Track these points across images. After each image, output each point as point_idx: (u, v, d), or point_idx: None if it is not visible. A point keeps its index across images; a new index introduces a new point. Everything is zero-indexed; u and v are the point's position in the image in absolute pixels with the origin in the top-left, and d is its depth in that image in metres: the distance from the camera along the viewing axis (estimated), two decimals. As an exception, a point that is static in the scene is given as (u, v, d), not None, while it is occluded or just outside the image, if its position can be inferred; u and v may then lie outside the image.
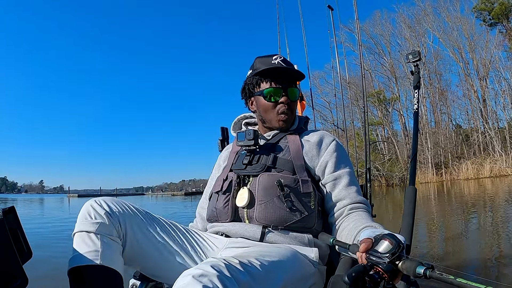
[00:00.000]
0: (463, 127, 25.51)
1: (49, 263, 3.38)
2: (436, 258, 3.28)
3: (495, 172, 20.09)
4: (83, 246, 0.94)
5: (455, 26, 25.15)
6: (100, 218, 0.98)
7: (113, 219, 1.00)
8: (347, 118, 3.91)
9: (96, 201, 1.03)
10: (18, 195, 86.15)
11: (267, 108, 1.23)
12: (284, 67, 1.20)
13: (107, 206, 1.02)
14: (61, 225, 7.78)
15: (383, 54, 27.48)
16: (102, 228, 0.97)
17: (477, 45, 24.63)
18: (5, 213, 0.85)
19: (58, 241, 5.13)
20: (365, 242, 0.75)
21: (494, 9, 23.27)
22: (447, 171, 22.37)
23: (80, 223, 0.99)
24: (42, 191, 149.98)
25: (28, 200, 30.70)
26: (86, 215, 1.00)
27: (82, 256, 0.92)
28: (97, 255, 0.93)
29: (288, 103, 1.21)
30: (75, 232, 0.98)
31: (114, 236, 0.99)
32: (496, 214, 6.06)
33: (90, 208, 1.01)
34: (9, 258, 0.83)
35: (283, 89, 1.21)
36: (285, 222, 1.05)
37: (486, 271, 2.73)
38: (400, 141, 25.60)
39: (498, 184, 14.90)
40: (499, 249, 3.51)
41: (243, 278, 0.73)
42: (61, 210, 15.53)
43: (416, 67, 1.72)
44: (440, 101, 25.52)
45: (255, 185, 1.10)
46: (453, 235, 4.43)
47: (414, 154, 1.51)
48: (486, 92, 24.25)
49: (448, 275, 0.62)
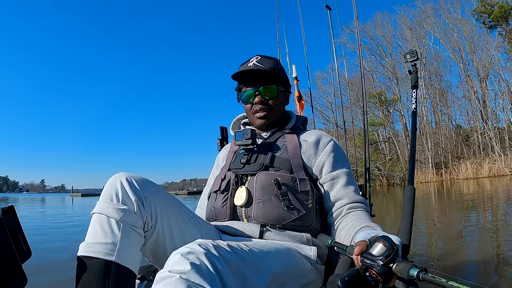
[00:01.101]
0: (463, 128, 25.42)
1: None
2: (435, 257, 3.26)
3: (493, 172, 20.08)
4: (100, 234, 0.83)
5: (456, 27, 25.03)
6: (128, 203, 0.86)
7: (144, 208, 0.88)
8: (348, 119, 3.88)
9: (128, 178, 0.89)
10: (20, 194, 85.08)
11: (247, 111, 1.26)
12: (248, 69, 1.20)
13: (140, 189, 0.89)
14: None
15: (384, 55, 27.37)
16: (128, 216, 0.85)
17: (477, 47, 24.50)
18: (4, 212, 0.84)
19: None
20: (359, 245, 0.75)
21: (494, 12, 23.17)
22: (447, 171, 22.30)
23: (103, 202, 0.87)
24: (43, 190, 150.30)
25: (30, 199, 29.99)
26: (112, 194, 0.87)
27: (96, 245, 0.82)
28: (113, 249, 0.81)
29: (262, 101, 1.21)
30: (95, 212, 0.87)
31: (139, 228, 0.87)
32: (496, 213, 6.02)
33: (118, 186, 0.88)
34: (8, 257, 0.82)
35: (255, 90, 1.21)
36: (283, 221, 1.05)
37: (484, 272, 2.70)
38: (401, 141, 25.50)
39: (497, 183, 14.85)
40: (498, 250, 3.48)
41: (231, 257, 0.72)
42: (76, 208, 15.65)
43: (414, 67, 1.69)
44: (440, 101, 25.42)
45: (253, 184, 1.10)
46: (452, 232, 4.41)
47: (413, 153, 1.49)
48: (486, 93, 24.13)
49: (440, 278, 0.61)
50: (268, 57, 1.25)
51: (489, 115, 23.83)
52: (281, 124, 1.28)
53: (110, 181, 0.90)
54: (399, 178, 22.06)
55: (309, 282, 1.00)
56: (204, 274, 0.63)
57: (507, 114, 23.42)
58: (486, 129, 23.03)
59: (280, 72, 1.24)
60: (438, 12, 25.80)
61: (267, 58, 1.24)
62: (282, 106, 1.29)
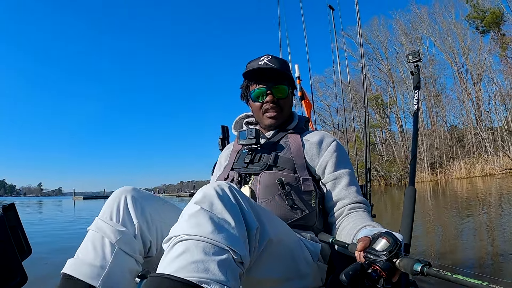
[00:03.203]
0: (457, 129, 25.40)
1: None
2: (433, 253, 3.23)
3: (485, 171, 20.36)
4: (91, 253, 0.76)
5: (450, 31, 25.10)
6: (128, 225, 0.79)
7: (149, 231, 0.80)
8: (346, 120, 3.84)
9: (133, 196, 0.81)
10: (17, 198, 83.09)
11: (256, 109, 1.22)
12: (263, 67, 1.16)
13: (147, 210, 0.81)
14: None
15: (381, 59, 27.44)
16: (125, 240, 0.77)
17: (471, 50, 24.57)
18: (5, 210, 0.81)
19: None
20: (362, 240, 0.73)
21: (486, 18, 23.32)
22: (441, 170, 22.38)
23: (101, 220, 0.80)
24: (40, 193, 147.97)
25: (37, 202, 29.38)
26: (112, 212, 0.80)
27: (83, 266, 0.75)
28: (100, 273, 0.74)
29: (274, 101, 1.18)
30: (90, 229, 0.80)
31: (136, 254, 0.80)
32: (489, 210, 6.00)
33: (121, 204, 0.81)
34: (8, 255, 0.79)
35: (267, 88, 1.17)
36: (286, 220, 1.02)
37: (481, 266, 2.68)
38: (398, 142, 25.55)
39: (489, 182, 15.01)
40: (492, 246, 3.45)
41: (253, 203, 0.73)
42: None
43: (416, 68, 1.64)
44: (435, 103, 25.43)
45: (257, 184, 1.07)
46: (447, 229, 4.38)
47: (414, 154, 1.44)
48: (479, 95, 24.15)
49: (445, 272, 0.60)
50: (278, 58, 1.22)
51: (482, 116, 23.89)
52: (285, 124, 1.25)
53: (113, 196, 0.84)
54: (395, 178, 22.25)
55: (312, 281, 0.97)
56: (227, 207, 0.65)
57: (500, 116, 23.55)
58: (479, 130, 23.07)
59: (290, 73, 1.22)
60: (432, 17, 25.92)
61: (277, 59, 1.20)
62: (291, 107, 1.26)
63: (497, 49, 23.38)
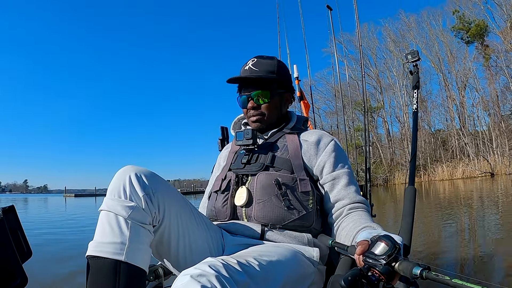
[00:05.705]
0: (440, 133, 25.83)
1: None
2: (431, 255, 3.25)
3: (466, 174, 21.01)
4: (108, 232, 0.78)
5: (437, 40, 25.54)
6: (136, 199, 0.81)
7: (152, 203, 0.83)
8: (339, 123, 3.85)
9: (137, 173, 0.83)
10: (2, 195, 77.66)
11: (244, 114, 1.21)
12: (241, 77, 1.14)
13: (149, 184, 0.83)
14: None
15: (369, 65, 27.69)
16: (136, 213, 0.79)
17: (456, 59, 25.02)
18: (5, 212, 0.78)
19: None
20: (361, 244, 0.71)
21: (471, 30, 23.88)
22: (425, 172, 22.73)
23: (110, 199, 0.81)
24: (26, 190, 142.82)
25: (14, 199, 27.25)
26: (119, 190, 0.81)
27: (105, 244, 0.77)
28: (122, 248, 0.76)
29: (254, 107, 1.15)
30: (103, 210, 0.81)
31: (148, 224, 0.82)
32: (470, 209, 6.09)
33: (126, 181, 0.82)
34: (8, 257, 0.76)
35: (247, 96, 1.15)
36: (283, 221, 0.99)
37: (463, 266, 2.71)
38: (384, 145, 25.86)
39: (470, 184, 15.39)
40: (475, 246, 3.50)
41: (241, 278, 0.68)
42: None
43: (415, 67, 1.62)
44: (420, 108, 25.80)
45: (253, 184, 1.05)
46: (431, 228, 4.43)
47: (414, 153, 1.41)
48: (463, 102, 24.64)
49: (444, 276, 0.58)
50: (266, 58, 1.17)
51: (465, 121, 24.37)
52: (282, 125, 1.21)
53: (118, 175, 0.84)
54: (382, 179, 22.63)
55: (311, 283, 0.95)
56: None
57: (482, 121, 24.09)
58: (462, 135, 23.53)
59: (276, 74, 1.15)
60: (420, 25, 26.30)
61: (264, 59, 1.16)
62: (279, 109, 1.20)
63: (481, 57, 23.94)
